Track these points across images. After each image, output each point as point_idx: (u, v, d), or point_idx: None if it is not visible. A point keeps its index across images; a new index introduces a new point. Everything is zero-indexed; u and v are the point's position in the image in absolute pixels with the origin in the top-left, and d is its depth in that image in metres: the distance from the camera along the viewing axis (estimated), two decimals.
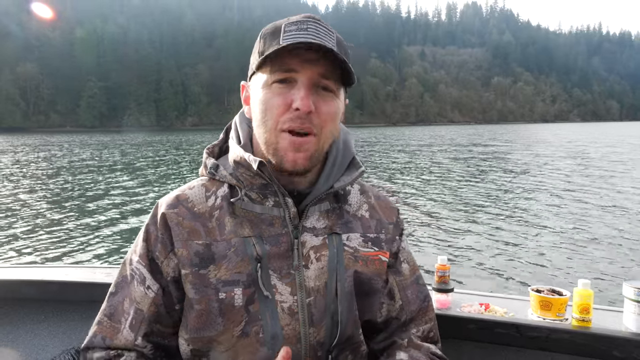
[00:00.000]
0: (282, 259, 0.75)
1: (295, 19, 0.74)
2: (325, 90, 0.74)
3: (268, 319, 0.73)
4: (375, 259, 0.81)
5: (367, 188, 0.88)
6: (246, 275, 0.73)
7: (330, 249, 0.77)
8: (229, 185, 0.79)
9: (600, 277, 4.65)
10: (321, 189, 0.78)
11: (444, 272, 1.21)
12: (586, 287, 1.07)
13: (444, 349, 0.91)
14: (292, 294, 0.74)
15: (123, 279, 0.79)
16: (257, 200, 0.77)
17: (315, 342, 0.75)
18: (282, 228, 0.76)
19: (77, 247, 6.02)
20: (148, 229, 0.78)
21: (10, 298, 1.37)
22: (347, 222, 0.81)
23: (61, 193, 10.59)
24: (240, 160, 0.77)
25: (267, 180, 0.76)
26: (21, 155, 23.13)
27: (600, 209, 8.08)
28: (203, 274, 0.73)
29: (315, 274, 0.76)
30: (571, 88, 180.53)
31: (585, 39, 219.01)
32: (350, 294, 0.78)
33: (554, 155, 19.69)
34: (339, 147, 0.83)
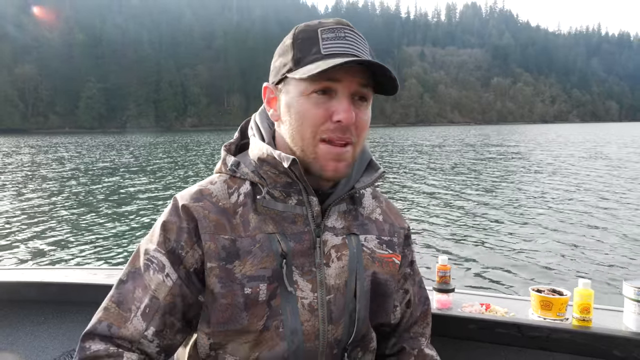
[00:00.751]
0: (304, 257, 0.76)
1: (330, 25, 0.74)
2: (361, 100, 0.75)
3: (289, 314, 0.74)
4: (389, 261, 0.83)
5: (378, 194, 0.90)
6: (271, 271, 0.74)
7: (350, 248, 0.79)
8: (250, 183, 0.79)
9: (601, 276, 4.64)
10: (343, 189, 0.80)
11: (445, 272, 1.22)
12: (586, 287, 1.08)
13: (445, 349, 0.90)
14: (312, 291, 0.75)
15: (136, 269, 0.77)
16: (280, 199, 0.77)
17: (333, 339, 0.77)
18: (304, 226, 0.77)
19: (77, 249, 5.98)
20: (168, 220, 0.77)
21: (10, 300, 1.37)
22: (363, 224, 0.83)
23: (61, 194, 10.54)
24: (266, 157, 0.77)
25: (293, 179, 0.76)
26: (21, 156, 23.07)
27: (600, 209, 8.06)
28: (229, 268, 0.74)
29: (336, 272, 0.77)
30: (570, 89, 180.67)
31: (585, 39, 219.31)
32: (367, 294, 0.80)
33: (555, 156, 19.68)
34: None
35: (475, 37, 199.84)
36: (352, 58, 0.69)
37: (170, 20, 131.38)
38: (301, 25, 0.76)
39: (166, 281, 0.75)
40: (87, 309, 1.26)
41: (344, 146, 0.73)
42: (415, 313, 0.91)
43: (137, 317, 0.74)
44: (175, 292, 0.75)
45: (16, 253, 5.81)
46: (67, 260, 5.55)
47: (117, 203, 9.36)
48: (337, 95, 0.72)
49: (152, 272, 0.76)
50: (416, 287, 0.91)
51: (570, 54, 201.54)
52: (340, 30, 0.73)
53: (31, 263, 5.38)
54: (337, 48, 0.71)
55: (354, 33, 0.74)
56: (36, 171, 15.73)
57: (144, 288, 0.75)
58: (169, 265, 0.75)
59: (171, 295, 0.75)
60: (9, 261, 5.51)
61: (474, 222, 7.27)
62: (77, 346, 0.75)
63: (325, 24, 0.74)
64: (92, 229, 7.05)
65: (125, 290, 0.76)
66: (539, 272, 4.89)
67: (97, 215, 8.14)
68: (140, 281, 0.76)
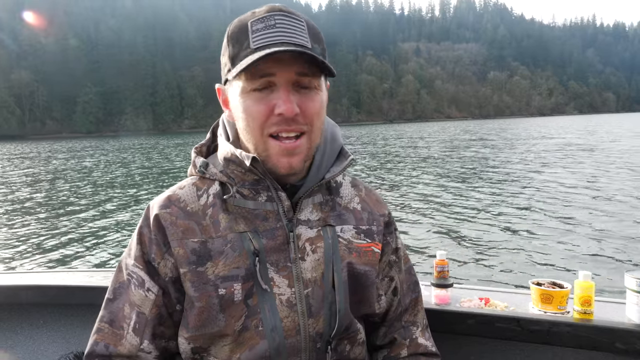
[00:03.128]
0: (278, 252, 0.75)
1: (260, 14, 0.71)
2: (306, 88, 0.72)
3: (267, 311, 0.73)
4: (368, 250, 0.82)
5: (358, 182, 0.89)
6: (244, 270, 0.73)
7: (325, 240, 0.78)
8: (220, 183, 0.78)
9: (602, 268, 4.57)
10: (313, 181, 0.78)
11: (443, 267, 1.20)
12: (587, 279, 1.06)
13: (444, 345, 0.89)
14: (289, 286, 0.74)
15: (120, 285, 0.78)
16: (250, 196, 0.76)
17: (315, 333, 0.76)
18: (276, 222, 0.76)
19: (75, 252, 5.99)
20: (141, 231, 0.78)
21: (8, 303, 1.37)
22: (340, 214, 0.82)
23: (58, 198, 10.57)
24: (231, 157, 0.77)
25: (259, 176, 0.75)
26: (18, 162, 23.09)
27: (600, 200, 7.97)
28: (201, 271, 0.73)
29: (311, 266, 0.76)
30: (567, 81, 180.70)
31: (580, 31, 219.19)
32: (346, 284, 0.79)
33: (552, 148, 19.57)
34: (327, 138, 0.82)
35: (470, 32, 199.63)
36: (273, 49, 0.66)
37: (165, 22, 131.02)
38: (234, 21, 0.74)
39: (148, 295, 0.75)
40: (85, 311, 1.28)
41: (296, 139, 0.72)
42: (405, 301, 0.89)
43: (130, 334, 0.75)
44: (159, 303, 0.76)
45: (14, 257, 5.82)
46: (65, 263, 5.57)
47: (113, 206, 9.33)
48: (275, 88, 0.70)
49: (134, 287, 0.76)
50: (403, 275, 0.89)
51: (566, 45, 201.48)
52: (269, 19, 0.70)
53: (29, 266, 5.38)
54: (266, 39, 0.69)
55: (285, 18, 0.70)
56: (33, 176, 15.75)
57: (130, 304, 0.76)
58: (148, 279, 0.76)
59: (156, 307, 0.76)
60: (8, 265, 5.51)
61: (471, 216, 7.15)
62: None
63: (256, 13, 0.72)
64: (89, 233, 7.05)
65: (115, 308, 0.77)
66: (538, 264, 4.81)
67: (93, 218, 8.14)
68: (126, 297, 0.77)
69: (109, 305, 0.78)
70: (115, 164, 20.20)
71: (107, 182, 13.51)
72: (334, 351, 0.78)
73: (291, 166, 0.72)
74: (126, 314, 0.76)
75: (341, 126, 0.86)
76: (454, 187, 10.14)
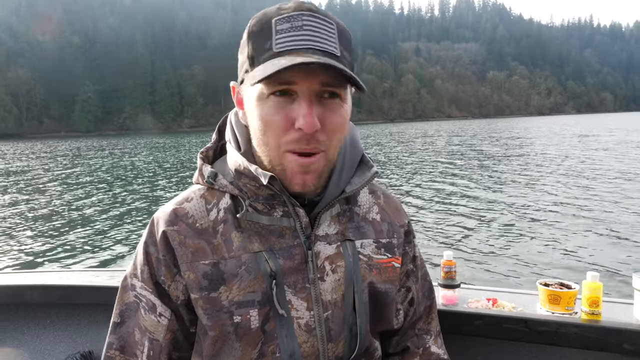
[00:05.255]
0: (296, 273, 0.69)
1: (287, 12, 0.63)
2: (330, 98, 0.64)
3: (284, 337, 0.68)
4: (388, 266, 0.77)
5: (376, 187, 0.83)
6: (261, 294, 0.67)
7: (346, 258, 0.73)
8: (231, 195, 0.71)
9: (609, 269, 4.49)
10: (332, 195, 0.72)
11: (450, 268, 1.20)
12: (595, 280, 1.06)
13: (452, 346, 0.88)
14: (308, 309, 0.69)
15: (127, 307, 0.72)
16: (264, 211, 0.70)
17: (334, 357, 0.71)
18: (293, 239, 0.70)
19: (81, 251, 5.97)
20: (147, 250, 0.71)
21: (15, 303, 1.37)
22: (359, 226, 0.76)
23: (62, 198, 10.46)
24: (243, 170, 0.70)
25: (275, 192, 0.69)
26: (19, 161, 23.13)
27: (607, 201, 7.85)
28: (214, 297, 0.67)
29: (331, 287, 0.71)
30: (565, 80, 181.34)
31: (577, 31, 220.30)
32: (367, 305, 0.75)
33: (558, 148, 19.51)
34: (347, 144, 0.75)
35: (470, 31, 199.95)
36: (298, 60, 0.58)
37: (164, 20, 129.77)
38: (258, 14, 0.66)
39: (161, 321, 0.70)
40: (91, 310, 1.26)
41: (311, 156, 0.65)
42: (419, 309, 0.85)
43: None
44: (173, 327, 0.71)
45: (20, 257, 5.78)
46: (71, 263, 5.53)
47: (118, 205, 9.24)
48: (298, 97, 0.63)
49: (144, 312, 0.71)
50: (419, 283, 0.86)
51: (564, 45, 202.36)
52: (297, 19, 0.62)
53: (35, 266, 5.36)
54: (292, 42, 0.62)
55: (314, 19, 0.63)
56: (36, 175, 15.55)
57: (141, 330, 0.71)
58: (159, 303, 0.70)
59: (170, 332, 0.71)
60: (14, 265, 5.47)
61: (479, 216, 7.07)
62: None
63: (282, 10, 0.64)
64: (95, 232, 7.02)
65: (125, 333, 0.72)
66: (546, 265, 4.75)
67: (99, 217, 8.12)
68: (135, 321, 0.71)
69: (118, 331, 0.72)
70: (119, 163, 19.97)
71: (112, 181, 13.38)
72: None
73: (305, 184, 0.66)
74: (137, 339, 0.71)
75: None
76: (461, 187, 10.00)
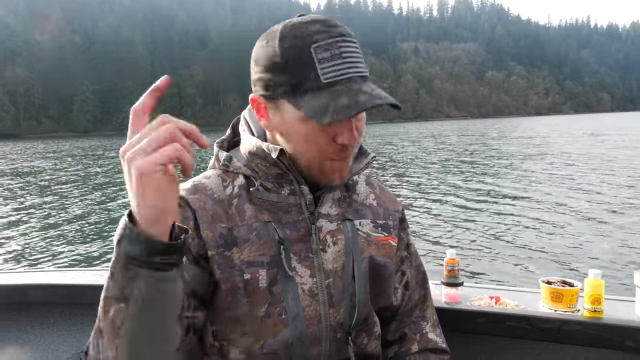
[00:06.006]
0: (300, 243, 0.77)
1: (322, 40, 0.66)
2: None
3: (290, 300, 0.74)
4: (385, 243, 0.85)
5: (372, 180, 0.92)
6: (269, 257, 0.74)
7: (345, 233, 0.80)
8: (244, 176, 0.79)
9: (611, 266, 4.53)
10: None
11: (453, 266, 1.21)
12: (597, 277, 1.06)
13: (455, 343, 0.90)
14: (311, 276, 0.76)
15: None
16: (273, 190, 0.78)
17: (335, 322, 0.77)
18: (298, 215, 0.78)
19: (85, 251, 5.96)
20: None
21: (18, 302, 1.37)
22: (357, 209, 0.84)
23: (66, 197, 10.47)
24: (256, 150, 0.78)
25: (283, 170, 0.77)
26: (23, 161, 23.08)
27: (609, 198, 7.87)
28: (227, 255, 0.74)
29: (332, 257, 0.78)
30: (563, 80, 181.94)
31: (575, 32, 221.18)
32: (366, 276, 0.81)
33: (559, 146, 19.52)
34: None
35: (468, 32, 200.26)
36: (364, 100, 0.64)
37: (164, 20, 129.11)
38: (289, 36, 0.67)
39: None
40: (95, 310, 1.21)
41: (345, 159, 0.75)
42: (414, 296, 0.91)
43: None
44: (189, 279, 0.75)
45: (24, 256, 5.78)
46: (75, 262, 5.52)
47: (122, 205, 9.25)
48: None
49: None
50: (413, 270, 0.92)
51: (562, 46, 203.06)
52: (334, 46, 0.66)
53: (39, 266, 5.34)
54: (336, 72, 0.66)
55: (347, 42, 0.67)
56: (40, 175, 15.52)
57: None
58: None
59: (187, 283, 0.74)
60: (17, 264, 5.45)
61: (481, 215, 7.14)
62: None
63: (317, 37, 0.66)
64: (98, 231, 7.00)
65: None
66: (548, 263, 4.79)
67: (103, 216, 8.11)
68: None
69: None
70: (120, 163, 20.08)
71: (115, 181, 13.38)
72: (353, 343, 0.80)
73: (342, 179, 0.76)
74: None
75: None
76: (463, 186, 10.02)
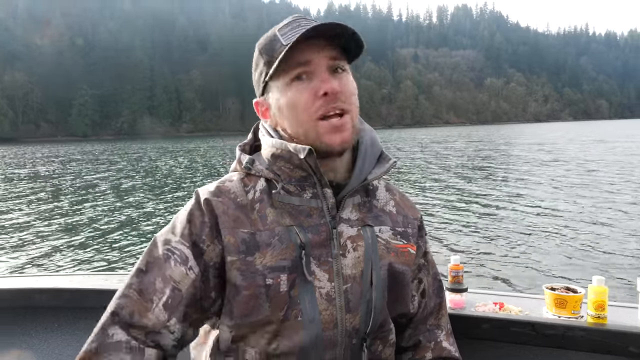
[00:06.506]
0: (321, 248, 0.77)
1: (284, 23, 0.79)
2: (338, 72, 0.78)
3: (307, 303, 0.75)
4: (404, 250, 0.85)
5: (392, 187, 0.92)
6: (290, 261, 0.75)
7: (366, 239, 0.81)
8: (265, 180, 0.80)
9: (615, 273, 4.58)
10: (357, 181, 0.81)
11: (458, 272, 1.21)
12: (601, 284, 1.07)
13: (460, 349, 0.91)
14: (329, 281, 0.77)
15: (155, 259, 0.77)
16: (295, 193, 0.79)
17: (351, 327, 0.78)
18: (320, 219, 0.78)
19: (90, 255, 5.97)
20: (192, 212, 0.78)
21: (23, 306, 1.36)
22: (377, 215, 0.85)
23: (72, 202, 10.52)
24: (281, 153, 0.79)
25: (307, 172, 0.78)
26: (24, 165, 22.97)
27: (613, 205, 7.90)
28: (250, 260, 0.75)
29: (352, 263, 0.79)
30: (562, 88, 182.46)
31: (573, 39, 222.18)
32: (384, 283, 0.81)
33: (562, 153, 19.57)
34: (367, 142, 0.85)
35: (467, 39, 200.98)
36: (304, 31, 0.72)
37: (163, 25, 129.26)
38: (262, 38, 0.81)
39: (189, 274, 0.76)
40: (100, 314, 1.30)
41: (341, 116, 0.76)
42: (430, 304, 0.91)
43: (159, 308, 0.74)
44: (197, 284, 0.76)
45: (29, 260, 5.78)
46: (80, 266, 5.52)
47: (128, 210, 9.25)
48: (314, 75, 0.76)
49: (174, 263, 0.76)
50: (430, 278, 0.92)
51: (560, 53, 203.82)
52: (294, 22, 0.77)
53: (44, 270, 5.34)
54: (296, 33, 0.74)
55: (308, 20, 0.78)
56: (45, 179, 15.53)
57: (165, 279, 0.75)
58: (192, 258, 0.76)
59: (193, 287, 0.76)
60: (22, 268, 5.46)
61: (485, 221, 7.18)
62: (97, 327, 0.74)
63: (280, 25, 0.79)
64: (103, 235, 7.00)
65: (146, 280, 0.76)
66: (552, 269, 4.83)
67: (109, 221, 8.11)
68: (161, 272, 0.76)
69: (140, 276, 0.77)
70: (128, 167, 19.84)
71: (121, 185, 13.42)
72: (368, 350, 0.80)
73: (343, 140, 0.76)
74: (158, 287, 0.75)
75: None
76: (467, 192, 10.08)
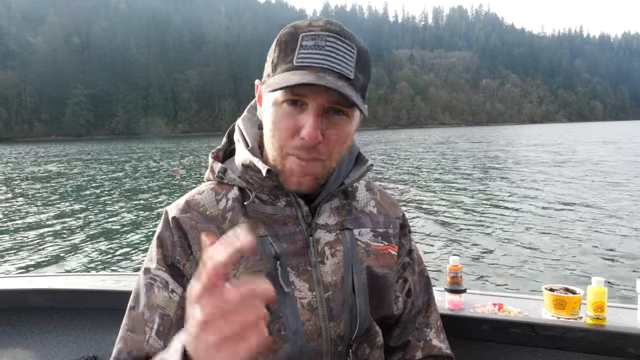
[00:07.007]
0: (298, 257, 0.75)
1: (314, 31, 0.69)
2: (337, 114, 0.70)
3: (289, 315, 0.73)
4: (385, 252, 0.83)
5: (372, 185, 0.90)
6: (265, 274, 0.73)
7: (344, 244, 0.79)
8: (238, 188, 0.79)
9: (614, 274, 4.59)
10: (332, 187, 0.79)
11: (456, 273, 1.21)
12: (600, 285, 1.07)
13: (458, 350, 0.91)
14: (310, 290, 0.75)
15: (141, 291, 0.77)
16: (269, 202, 0.77)
17: (336, 336, 0.76)
18: (295, 227, 0.76)
19: (85, 256, 5.93)
20: (161, 236, 0.77)
21: (18, 307, 1.36)
22: (357, 217, 0.82)
23: (67, 202, 10.41)
24: (249, 164, 0.77)
25: (277, 183, 0.76)
26: (21, 165, 22.70)
27: (612, 206, 7.91)
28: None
29: (331, 269, 0.77)
30: (556, 89, 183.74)
31: (568, 41, 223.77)
32: (365, 287, 0.79)
33: (561, 154, 19.56)
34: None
35: (463, 40, 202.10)
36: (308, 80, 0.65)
37: (159, 24, 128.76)
38: (291, 25, 0.73)
39: (172, 297, 0.74)
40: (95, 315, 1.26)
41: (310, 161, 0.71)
42: (417, 302, 0.89)
43: (153, 337, 0.73)
44: (184, 304, 0.69)
45: (24, 260, 5.75)
46: (75, 267, 5.50)
47: (124, 210, 9.13)
48: (307, 108, 0.69)
49: (157, 290, 0.75)
50: (416, 276, 0.90)
51: (555, 55, 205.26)
52: (321, 38, 0.68)
53: (39, 270, 5.34)
54: (311, 59, 0.67)
55: (337, 42, 0.69)
56: (41, 179, 15.37)
57: (152, 308, 0.74)
58: (172, 280, 0.75)
59: (181, 309, 0.74)
60: (17, 269, 5.45)
61: (484, 221, 7.16)
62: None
63: (312, 27, 0.69)
64: (99, 236, 6.98)
65: (135, 314, 0.75)
66: (551, 270, 4.84)
67: (105, 221, 8.08)
68: (145, 301, 0.75)
69: (131, 313, 0.76)
70: (123, 168, 19.66)
71: (118, 185, 13.29)
72: (355, 355, 0.79)
73: (300, 184, 0.73)
74: (147, 318, 0.74)
75: None
76: (466, 192, 10.05)
